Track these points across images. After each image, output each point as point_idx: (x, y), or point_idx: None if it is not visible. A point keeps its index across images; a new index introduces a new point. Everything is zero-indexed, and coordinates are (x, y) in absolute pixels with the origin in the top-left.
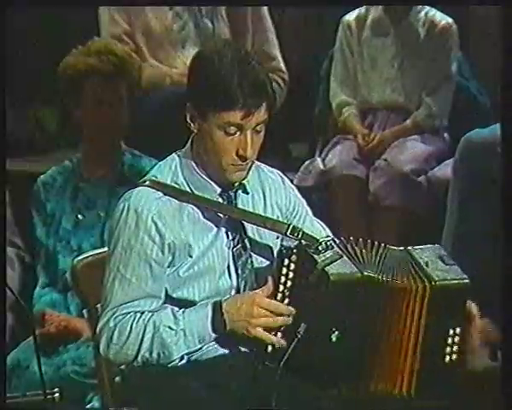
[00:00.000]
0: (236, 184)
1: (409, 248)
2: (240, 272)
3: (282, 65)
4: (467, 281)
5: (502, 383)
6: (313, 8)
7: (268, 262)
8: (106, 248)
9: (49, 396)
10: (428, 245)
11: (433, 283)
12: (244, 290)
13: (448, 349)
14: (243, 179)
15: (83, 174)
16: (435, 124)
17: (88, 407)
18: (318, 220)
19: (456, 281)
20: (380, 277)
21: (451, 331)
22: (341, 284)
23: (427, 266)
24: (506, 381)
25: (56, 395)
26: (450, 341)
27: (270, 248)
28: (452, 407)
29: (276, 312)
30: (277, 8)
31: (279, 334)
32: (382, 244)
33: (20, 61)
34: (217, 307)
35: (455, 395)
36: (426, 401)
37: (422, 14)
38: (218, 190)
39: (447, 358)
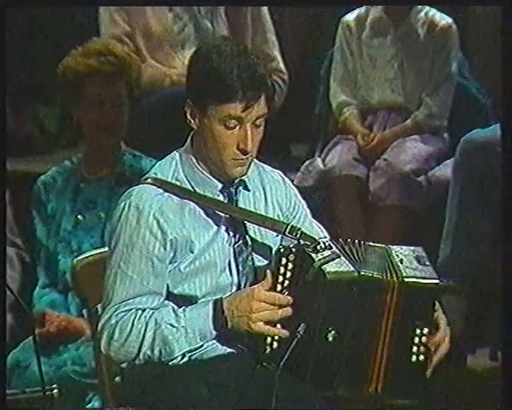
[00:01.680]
0: (237, 181)
1: (389, 246)
2: (240, 268)
3: (282, 65)
4: (436, 282)
5: (502, 383)
6: (313, 8)
7: (267, 261)
8: (106, 249)
9: (47, 393)
10: (411, 247)
11: (401, 279)
12: (244, 287)
13: (415, 349)
14: (244, 175)
15: (83, 174)
16: (435, 124)
17: (88, 406)
18: (316, 222)
19: (425, 280)
20: (374, 275)
21: (418, 331)
22: (338, 282)
23: (401, 262)
24: (506, 381)
25: (55, 391)
26: (417, 340)
27: (270, 247)
28: (453, 407)
29: (276, 303)
30: (277, 8)
31: (279, 326)
32: (368, 243)
33: (20, 61)
34: (218, 305)
35: (422, 394)
36: (397, 400)
37: (422, 14)
38: (219, 186)
39: (414, 357)
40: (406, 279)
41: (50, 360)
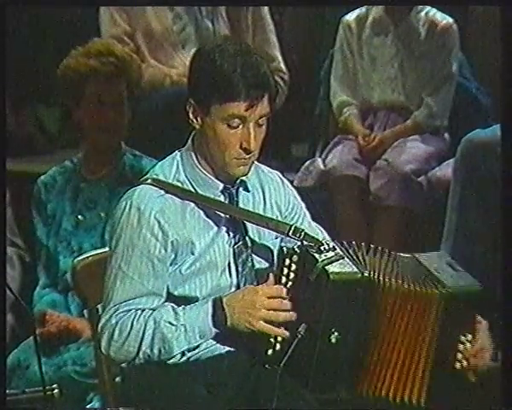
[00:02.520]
0: (238, 181)
1: (416, 255)
2: (240, 269)
3: (283, 65)
4: (479, 287)
5: (502, 383)
6: (313, 8)
7: (267, 261)
8: (106, 249)
9: (48, 393)
10: (433, 252)
11: (446, 289)
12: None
13: (460, 356)
14: (245, 174)
15: (83, 175)
16: (436, 124)
17: (88, 406)
18: (316, 224)
19: (468, 287)
20: (381, 279)
21: (463, 338)
22: (341, 283)
23: (437, 272)
24: (506, 381)
25: (56, 391)
26: (461, 347)
27: (270, 249)
28: (454, 407)
29: (280, 296)
30: (278, 8)
31: (283, 328)
32: (386, 249)
33: (20, 61)
34: (217, 302)
35: (465, 403)
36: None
37: (423, 13)
38: (221, 186)
39: (457, 365)
40: (451, 290)
41: (51, 360)
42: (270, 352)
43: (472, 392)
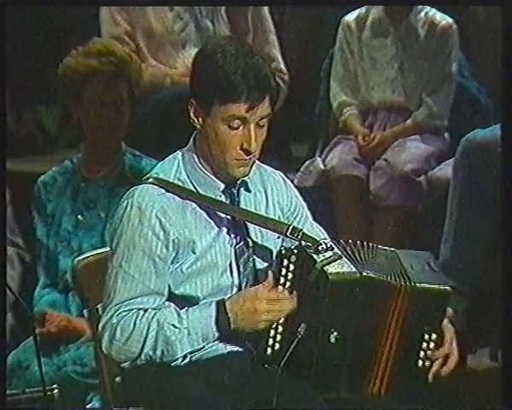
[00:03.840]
0: (239, 182)
1: (397, 250)
2: (241, 269)
3: (283, 65)
4: (448, 289)
5: (502, 383)
6: (313, 8)
7: (268, 262)
8: (106, 249)
9: (48, 393)
10: (419, 251)
11: (412, 284)
12: (245, 288)
13: (422, 354)
14: (246, 175)
15: (83, 174)
16: (436, 124)
17: (88, 406)
18: (317, 224)
19: (436, 286)
20: (377, 277)
21: (427, 337)
22: (340, 283)
23: (411, 268)
24: (506, 381)
25: (55, 391)
26: (424, 346)
27: (271, 249)
28: (454, 407)
29: (279, 299)
30: (278, 8)
31: (278, 336)
32: (374, 244)
33: (20, 61)
34: (220, 307)
35: (425, 398)
36: (399, 404)
37: (422, 14)
38: (222, 186)
39: (420, 362)
40: (418, 285)
41: (51, 360)
42: (269, 351)
43: (472, 392)
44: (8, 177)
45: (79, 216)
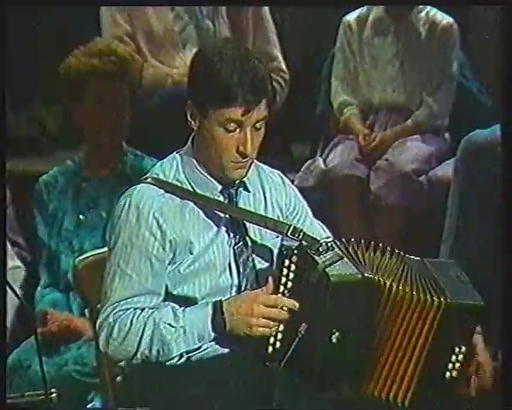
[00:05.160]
0: (237, 182)
1: (425, 260)
2: (241, 269)
3: (283, 65)
4: (481, 304)
5: (502, 383)
6: (314, 8)
7: (268, 262)
8: (107, 247)
9: (46, 397)
10: (445, 260)
11: (448, 300)
12: (245, 289)
13: (450, 366)
14: (243, 177)
15: (85, 174)
16: (436, 124)
17: (89, 406)
18: (318, 222)
19: (471, 303)
20: (383, 280)
21: (457, 349)
22: (342, 285)
23: (443, 282)
24: (506, 381)
25: (54, 395)
26: (453, 358)
27: (271, 249)
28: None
29: (278, 305)
30: (278, 8)
31: (279, 335)
32: (390, 248)
33: (21, 61)
34: (217, 307)
35: (465, 403)
36: None
37: (423, 13)
38: (219, 187)
39: (447, 374)
40: (453, 302)
41: (52, 359)
42: (270, 350)
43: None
44: (9, 177)
45: (81, 216)
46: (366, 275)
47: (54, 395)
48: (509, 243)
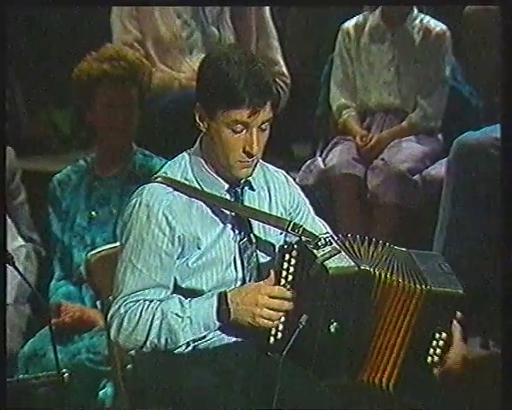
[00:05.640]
0: (243, 181)
1: (411, 251)
2: (246, 264)
3: (285, 69)
4: (461, 292)
5: (502, 383)
6: (314, 15)
7: (271, 257)
8: (118, 243)
9: (59, 377)
10: (429, 252)
11: (428, 287)
12: (249, 282)
13: (431, 351)
14: (249, 176)
15: (96, 173)
16: (430, 125)
17: (101, 392)
18: (319, 218)
19: (450, 290)
20: (377, 271)
21: (437, 335)
22: (340, 277)
23: (426, 271)
24: (506, 381)
25: (66, 375)
26: (434, 343)
27: (273, 244)
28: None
29: (280, 296)
30: (280, 14)
31: (281, 326)
32: (382, 242)
33: (35, 66)
34: (222, 297)
35: (431, 394)
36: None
37: (418, 21)
38: (226, 186)
39: (429, 359)
40: (434, 288)
41: (66, 348)
42: (271, 340)
43: (472, 392)
44: (24, 176)
45: (93, 212)
46: (362, 267)
47: (66, 374)
48: (509, 241)
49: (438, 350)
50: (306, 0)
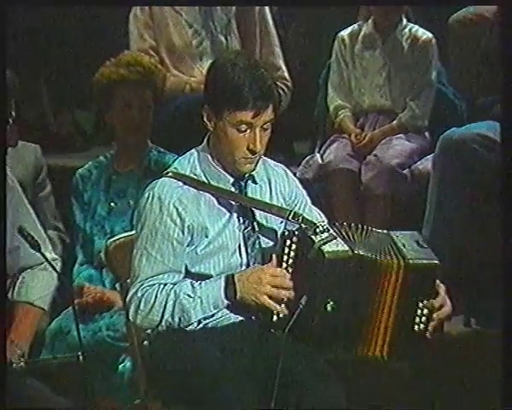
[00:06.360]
0: (246, 175)
1: (390, 232)
2: (249, 250)
3: (286, 74)
4: (436, 262)
5: (502, 383)
6: (313, 25)
7: (273, 243)
8: (134, 232)
9: (75, 358)
10: (408, 232)
11: (406, 260)
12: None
13: (417, 319)
14: (252, 171)
15: (115, 168)
16: (418, 124)
17: (121, 366)
18: (316, 208)
19: (426, 261)
20: (368, 254)
21: (420, 304)
22: (335, 260)
23: (404, 247)
24: (506, 381)
25: (81, 357)
26: (419, 312)
27: (275, 231)
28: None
29: (281, 276)
30: (282, 24)
31: (283, 305)
32: (368, 227)
33: (59, 72)
34: (229, 278)
35: (421, 358)
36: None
37: (407, 30)
38: (231, 179)
39: (416, 327)
40: (411, 261)
41: (88, 326)
42: (274, 318)
43: (472, 392)
44: (50, 171)
45: (112, 203)
46: (356, 252)
47: (80, 356)
48: (508, 241)
49: (423, 318)
50: (306, 0)
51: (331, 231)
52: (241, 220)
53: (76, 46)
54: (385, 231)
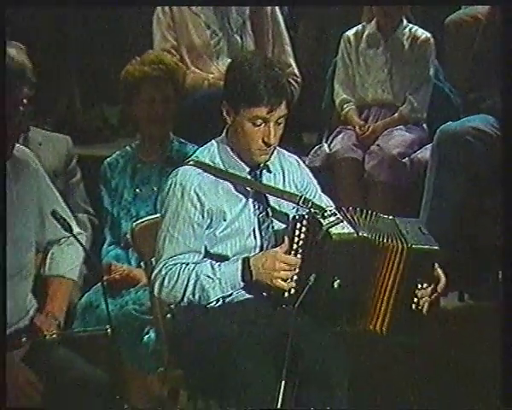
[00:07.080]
0: (262, 165)
1: (396, 218)
2: (263, 234)
3: (296, 71)
4: (436, 248)
5: (502, 383)
6: (321, 25)
7: (285, 226)
8: (158, 215)
9: (103, 331)
10: (412, 219)
11: (409, 245)
12: (266, 249)
13: (415, 300)
14: (267, 161)
15: (139, 157)
16: (417, 117)
17: (145, 337)
18: (325, 196)
19: (427, 246)
20: (371, 236)
21: (419, 286)
22: (341, 242)
23: (407, 232)
24: (506, 381)
25: (109, 330)
26: (418, 293)
27: (287, 215)
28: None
29: (292, 264)
30: (292, 25)
31: (293, 283)
32: (374, 212)
33: (89, 70)
34: (245, 262)
35: (418, 333)
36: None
37: (407, 30)
38: (247, 169)
39: (413, 306)
40: (413, 246)
41: (115, 300)
42: (286, 295)
43: (471, 391)
44: (80, 160)
45: (137, 190)
46: (360, 234)
47: (108, 330)
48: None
49: (421, 300)
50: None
51: (338, 215)
52: (256, 206)
53: (104, 47)
54: (390, 217)
